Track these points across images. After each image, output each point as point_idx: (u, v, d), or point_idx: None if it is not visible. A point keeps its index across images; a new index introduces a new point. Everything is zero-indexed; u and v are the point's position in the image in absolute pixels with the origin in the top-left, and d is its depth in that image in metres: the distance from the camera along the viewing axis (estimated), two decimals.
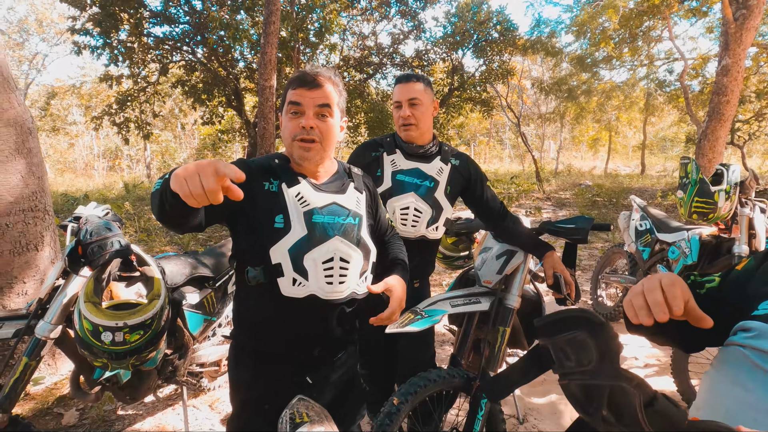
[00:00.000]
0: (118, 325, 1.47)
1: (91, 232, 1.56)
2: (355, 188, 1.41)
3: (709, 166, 6.83)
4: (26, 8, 21.38)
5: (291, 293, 1.24)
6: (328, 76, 1.31)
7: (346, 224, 1.32)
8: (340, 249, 1.28)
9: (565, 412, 2.68)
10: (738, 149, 14.30)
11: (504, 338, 1.87)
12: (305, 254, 1.24)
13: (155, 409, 2.67)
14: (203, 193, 0.84)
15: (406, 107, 1.88)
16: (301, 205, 1.27)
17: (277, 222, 1.24)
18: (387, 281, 1.42)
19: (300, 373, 1.33)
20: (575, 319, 0.68)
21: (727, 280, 0.88)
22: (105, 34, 9.28)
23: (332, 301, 1.29)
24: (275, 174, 1.29)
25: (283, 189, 1.27)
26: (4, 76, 2.75)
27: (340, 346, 1.40)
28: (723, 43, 6.78)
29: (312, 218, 1.26)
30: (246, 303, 1.34)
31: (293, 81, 1.30)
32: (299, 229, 1.24)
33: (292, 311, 1.27)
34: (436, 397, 1.80)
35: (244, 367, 1.35)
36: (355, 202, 1.37)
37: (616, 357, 0.65)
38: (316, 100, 1.26)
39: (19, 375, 1.66)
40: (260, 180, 1.27)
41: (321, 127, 1.27)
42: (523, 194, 11.96)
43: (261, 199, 1.25)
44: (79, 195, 9.67)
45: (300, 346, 1.32)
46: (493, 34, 12.42)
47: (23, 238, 2.83)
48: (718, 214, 2.95)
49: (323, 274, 1.25)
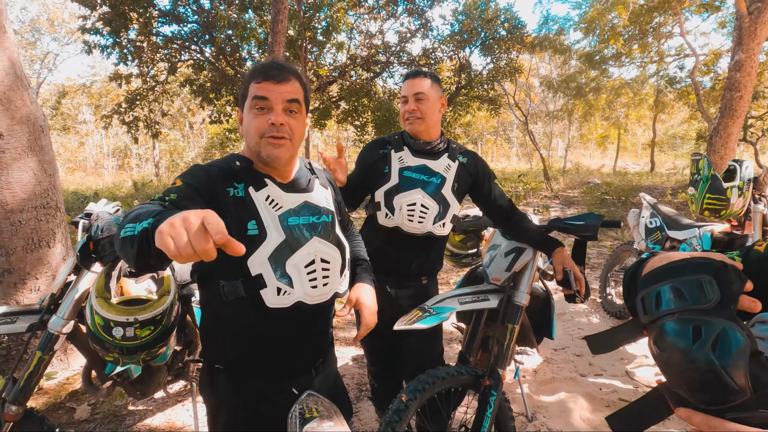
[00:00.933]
0: (129, 320, 1.48)
1: (102, 228, 1.57)
2: (321, 185, 1.35)
3: (721, 163, 6.75)
4: (38, 8, 21.57)
5: (276, 303, 1.16)
6: (294, 70, 1.23)
7: (321, 223, 1.26)
8: (320, 250, 1.22)
9: (574, 410, 2.67)
10: (751, 146, 14.11)
11: (513, 336, 1.86)
12: (286, 260, 1.16)
13: (165, 405, 2.70)
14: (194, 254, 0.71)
15: (411, 101, 1.88)
16: (274, 208, 1.19)
17: (250, 229, 1.15)
18: (352, 296, 1.41)
19: (284, 383, 1.27)
20: (700, 264, 0.65)
21: (748, 260, 0.83)
22: (115, 33, 9.36)
23: (316, 305, 1.23)
24: (238, 177, 1.19)
25: (250, 193, 1.18)
26: (18, 75, 2.78)
27: (321, 349, 1.36)
28: (736, 37, 6.68)
29: (288, 221, 1.19)
30: (220, 319, 1.24)
31: (256, 73, 1.20)
32: (276, 234, 1.17)
33: (277, 322, 1.20)
34: (445, 394, 1.80)
35: (221, 389, 1.25)
36: (324, 199, 1.32)
37: (735, 301, 0.62)
38: (285, 95, 1.18)
39: (33, 369, 1.68)
40: (223, 186, 1.16)
41: (291, 123, 1.19)
42: (531, 192, 11.91)
43: (228, 207, 1.14)
44: (89, 193, 9.78)
45: (285, 355, 1.26)
46: (501, 31, 12.36)
47: (35, 235, 2.87)
48: (731, 210, 2.92)
49: (307, 279, 1.19)
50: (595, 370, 3.18)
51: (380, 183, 1.91)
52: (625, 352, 3.45)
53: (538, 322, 2.10)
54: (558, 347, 3.55)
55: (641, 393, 2.87)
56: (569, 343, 3.63)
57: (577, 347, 3.56)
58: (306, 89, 1.26)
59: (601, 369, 3.20)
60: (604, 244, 6.91)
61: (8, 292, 2.82)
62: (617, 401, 2.77)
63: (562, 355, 3.43)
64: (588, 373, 3.14)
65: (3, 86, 2.68)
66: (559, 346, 3.56)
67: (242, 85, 1.25)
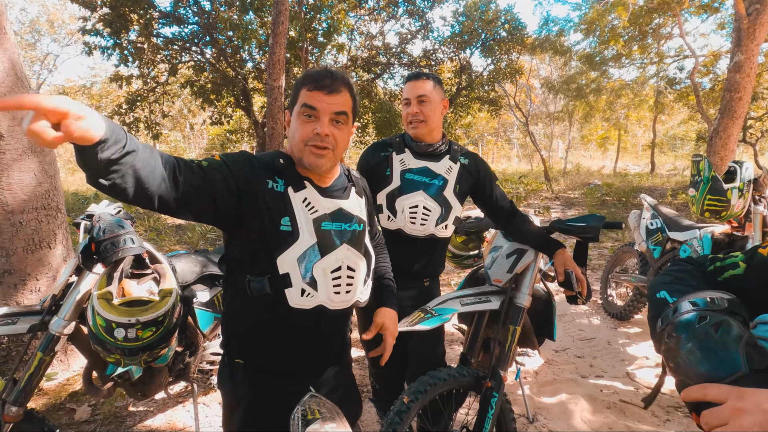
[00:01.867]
0: (131, 321, 1.48)
1: (104, 229, 1.57)
2: (356, 193, 1.36)
3: (721, 164, 6.75)
4: (38, 9, 21.58)
5: (299, 304, 1.18)
6: (347, 81, 1.23)
7: (352, 231, 1.27)
8: (348, 257, 1.24)
9: (575, 411, 2.66)
10: (750, 147, 14.12)
11: (515, 337, 1.86)
12: (315, 264, 1.18)
13: (166, 406, 2.70)
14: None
15: (414, 104, 1.88)
16: (310, 211, 1.20)
17: (283, 225, 1.17)
18: (378, 321, 1.42)
19: (300, 383, 1.27)
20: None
21: (753, 264, 0.83)
22: (115, 34, 9.35)
23: (337, 311, 1.25)
24: (280, 174, 1.22)
25: (289, 192, 1.20)
26: (18, 76, 2.78)
27: (338, 352, 1.37)
28: (735, 39, 6.69)
29: (321, 225, 1.20)
30: (243, 314, 1.25)
31: (308, 80, 1.20)
32: (308, 237, 1.18)
33: (297, 322, 1.22)
34: (446, 395, 1.80)
35: (240, 383, 1.27)
36: (358, 208, 1.33)
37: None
38: (334, 107, 1.18)
39: (33, 370, 1.68)
40: (264, 177, 1.19)
41: (336, 134, 1.20)
42: (532, 194, 11.91)
43: (265, 198, 1.17)
44: (89, 194, 9.77)
45: (301, 356, 1.28)
46: (501, 33, 12.35)
47: (36, 236, 2.87)
48: (731, 211, 2.92)
49: (332, 284, 1.21)
50: (596, 372, 3.18)
51: (382, 185, 1.91)
52: (625, 354, 3.44)
53: (540, 323, 2.10)
54: (559, 348, 3.55)
55: (642, 394, 2.87)
56: (570, 345, 3.63)
57: (578, 349, 3.56)
58: (356, 100, 1.27)
59: (602, 370, 3.20)
60: (605, 246, 6.91)
61: (8, 293, 2.82)
62: (618, 403, 2.76)
63: (563, 356, 3.43)
64: (589, 375, 3.13)
65: (3, 87, 2.68)
66: (560, 348, 3.56)
67: (294, 88, 1.25)
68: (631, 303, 3.88)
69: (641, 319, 4.05)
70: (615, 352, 3.48)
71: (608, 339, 3.71)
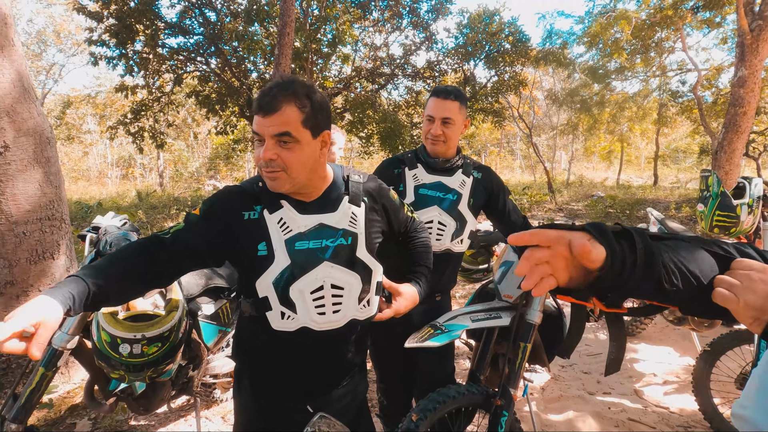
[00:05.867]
0: (137, 337, 1.46)
1: (110, 242, 1.56)
2: (350, 201, 1.28)
3: (727, 179, 6.73)
4: (45, 20, 21.77)
5: (281, 327, 1.18)
6: (290, 93, 1.12)
7: (336, 246, 1.21)
8: (331, 275, 1.20)
9: (582, 429, 2.62)
10: (753, 161, 14.10)
11: (525, 354, 1.82)
12: (290, 285, 1.16)
13: (167, 420, 2.66)
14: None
15: (438, 125, 1.86)
16: (283, 232, 1.18)
17: (260, 250, 1.17)
18: (395, 287, 1.40)
19: (300, 401, 1.27)
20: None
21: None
22: (121, 45, 9.43)
23: (329, 331, 1.22)
24: (258, 199, 1.21)
25: (264, 215, 1.19)
26: (25, 87, 2.79)
27: (343, 372, 1.34)
28: (739, 54, 6.70)
29: (294, 246, 1.17)
30: (243, 331, 1.32)
31: (254, 102, 1.15)
32: (282, 258, 1.16)
33: (284, 344, 1.22)
34: (455, 413, 1.76)
35: (246, 393, 1.31)
36: (347, 220, 1.25)
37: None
38: (271, 129, 1.11)
39: (35, 386, 1.65)
40: (240, 210, 1.19)
41: (284, 155, 1.13)
42: (536, 205, 11.89)
43: (241, 231, 1.18)
44: (92, 203, 9.79)
45: (295, 375, 1.27)
46: (505, 45, 12.43)
47: (40, 247, 2.85)
48: (741, 228, 2.89)
49: (313, 305, 1.18)
50: (604, 389, 3.13)
51: None
52: (633, 371, 3.39)
53: (550, 340, 2.06)
54: (565, 364, 3.50)
55: (650, 413, 2.82)
56: (577, 360, 3.58)
57: (584, 364, 3.51)
58: (312, 107, 1.16)
59: (609, 387, 3.15)
60: None
61: (10, 304, 2.80)
62: (626, 421, 2.71)
63: (569, 372, 3.38)
64: (596, 392, 3.08)
65: (10, 98, 2.69)
66: (566, 363, 3.51)
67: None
68: (639, 318, 3.83)
69: (647, 334, 4.01)
70: (622, 369, 3.42)
71: None
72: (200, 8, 10.21)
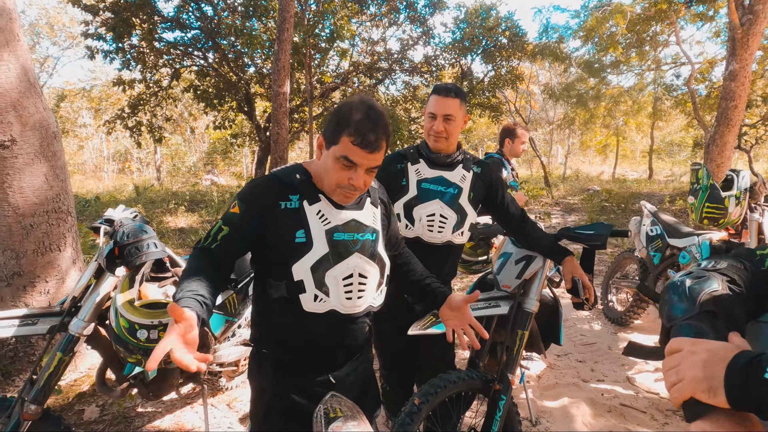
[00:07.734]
0: (154, 323, 1.53)
1: (128, 234, 1.62)
2: (371, 203, 1.42)
3: (718, 171, 6.83)
4: (37, 12, 21.56)
5: (312, 309, 1.27)
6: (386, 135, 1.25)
7: (365, 240, 1.34)
8: (359, 265, 1.31)
9: (577, 415, 2.71)
10: (744, 153, 14.22)
11: (522, 342, 1.91)
12: (327, 271, 1.26)
13: (174, 407, 2.73)
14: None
15: (440, 121, 1.93)
16: (323, 222, 1.28)
17: (298, 237, 1.26)
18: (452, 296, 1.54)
19: (320, 375, 1.38)
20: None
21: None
22: (118, 38, 9.41)
23: (351, 315, 1.33)
24: (295, 189, 1.30)
25: (304, 205, 1.28)
26: (30, 82, 2.82)
27: (357, 348, 1.45)
28: (730, 48, 6.78)
29: (333, 236, 1.28)
30: (266, 313, 1.37)
31: (353, 131, 1.20)
32: (321, 246, 1.26)
33: (312, 325, 1.31)
34: (455, 398, 1.84)
35: (267, 374, 1.38)
36: (372, 218, 1.39)
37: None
38: (372, 162, 1.24)
39: (53, 370, 1.72)
40: (276, 201, 1.28)
41: (368, 181, 1.27)
42: (533, 199, 11.97)
43: (278, 219, 1.27)
44: (89, 197, 9.78)
45: (318, 352, 1.37)
46: (502, 39, 12.47)
47: (47, 239, 2.91)
48: (729, 219, 2.98)
49: (343, 291, 1.28)
50: (597, 376, 3.23)
51: (399, 195, 1.97)
52: (625, 359, 3.49)
53: (546, 328, 2.14)
54: (561, 353, 3.59)
55: (641, 398, 2.92)
56: (572, 350, 3.67)
57: (579, 353, 3.61)
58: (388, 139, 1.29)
59: (602, 375, 3.25)
60: (606, 252, 6.97)
61: (17, 294, 2.85)
62: (618, 406, 2.81)
63: (565, 361, 3.48)
64: (590, 379, 3.18)
65: (16, 93, 2.72)
66: (562, 352, 3.61)
67: (334, 121, 1.25)
68: (632, 309, 3.93)
69: (641, 324, 4.11)
70: (615, 357, 3.52)
71: (609, 344, 3.76)
72: (197, 2, 10.18)
